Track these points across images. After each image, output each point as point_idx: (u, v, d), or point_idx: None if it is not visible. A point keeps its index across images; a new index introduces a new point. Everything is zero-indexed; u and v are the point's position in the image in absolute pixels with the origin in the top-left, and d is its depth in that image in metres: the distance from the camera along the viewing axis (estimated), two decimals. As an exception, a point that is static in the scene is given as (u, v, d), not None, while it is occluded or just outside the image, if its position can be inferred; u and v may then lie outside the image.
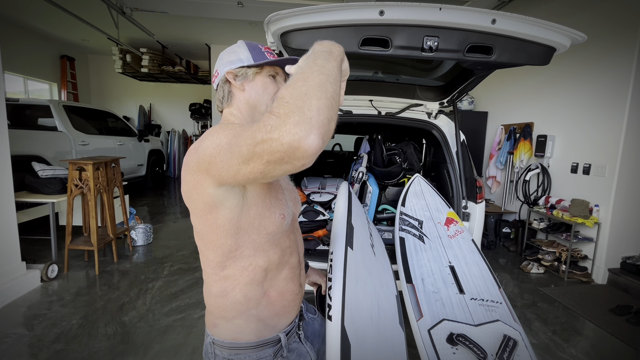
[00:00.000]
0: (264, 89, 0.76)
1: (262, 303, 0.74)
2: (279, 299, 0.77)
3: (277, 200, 0.73)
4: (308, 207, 2.21)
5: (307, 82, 0.46)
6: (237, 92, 0.77)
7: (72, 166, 2.75)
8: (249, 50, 0.77)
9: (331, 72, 0.49)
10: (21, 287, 2.50)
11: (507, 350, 1.08)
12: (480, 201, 2.05)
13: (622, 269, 3.06)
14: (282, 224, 0.73)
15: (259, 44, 0.80)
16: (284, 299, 0.77)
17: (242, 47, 0.78)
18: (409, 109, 2.26)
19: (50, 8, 4.04)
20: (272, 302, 0.76)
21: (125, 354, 1.89)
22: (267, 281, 0.74)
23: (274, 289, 0.76)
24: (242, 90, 0.76)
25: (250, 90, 0.76)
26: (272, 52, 0.80)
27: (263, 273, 0.73)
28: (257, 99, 0.76)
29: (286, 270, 0.78)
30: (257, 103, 0.76)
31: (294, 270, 0.80)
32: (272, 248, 0.73)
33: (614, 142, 2.98)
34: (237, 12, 4.31)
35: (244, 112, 0.77)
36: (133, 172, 5.72)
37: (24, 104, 4.21)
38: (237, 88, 0.76)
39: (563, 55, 1.70)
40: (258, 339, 0.74)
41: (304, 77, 0.47)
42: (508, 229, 4.05)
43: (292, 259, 0.80)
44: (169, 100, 8.28)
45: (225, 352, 0.74)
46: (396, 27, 1.17)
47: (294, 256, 0.80)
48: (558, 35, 1.20)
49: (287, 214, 0.74)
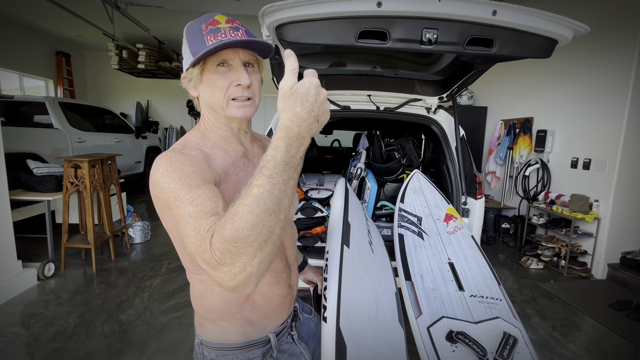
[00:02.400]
0: (210, 89, 0.65)
1: (246, 307, 0.71)
2: (264, 303, 0.73)
3: None
4: (306, 204, 2.19)
5: (255, 228, 0.44)
6: (195, 98, 0.70)
7: (68, 163, 2.72)
8: (188, 42, 0.64)
9: (290, 196, 0.49)
10: (17, 286, 2.48)
11: (507, 348, 1.06)
12: (479, 197, 2.03)
13: (621, 264, 3.06)
14: None
15: (202, 22, 0.64)
16: (270, 303, 0.74)
17: (184, 38, 0.66)
18: (408, 104, 2.23)
19: (45, 3, 3.98)
20: (257, 306, 0.72)
21: (122, 352, 1.87)
22: None
23: (257, 294, 0.72)
24: (197, 95, 0.68)
25: (202, 93, 0.67)
26: (216, 28, 0.62)
27: None
28: (211, 102, 0.66)
29: (269, 276, 0.73)
30: (213, 107, 0.67)
31: (279, 274, 0.75)
32: None
33: (614, 137, 2.96)
34: (233, 6, 4.25)
35: (209, 116, 0.70)
36: (131, 169, 5.68)
37: (18, 101, 4.16)
38: (193, 94, 0.69)
39: (563, 49, 1.67)
40: (245, 340, 0.72)
41: (256, 211, 0.45)
42: (507, 225, 4.05)
43: (275, 265, 0.75)
44: (166, 97, 8.21)
45: (212, 353, 0.72)
46: (394, 19, 1.14)
47: (277, 261, 0.75)
48: (560, 27, 1.17)
49: None
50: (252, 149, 0.76)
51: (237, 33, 0.63)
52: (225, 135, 0.71)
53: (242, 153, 0.72)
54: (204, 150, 0.66)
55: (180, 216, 0.52)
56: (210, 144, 0.68)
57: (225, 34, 0.62)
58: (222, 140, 0.70)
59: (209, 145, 0.68)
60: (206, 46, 0.60)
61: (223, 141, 0.70)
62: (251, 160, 0.74)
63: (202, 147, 0.67)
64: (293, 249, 0.84)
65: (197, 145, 0.66)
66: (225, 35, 0.62)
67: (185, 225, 0.51)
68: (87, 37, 6.64)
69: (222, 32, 0.62)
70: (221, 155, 0.67)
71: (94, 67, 7.88)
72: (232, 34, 0.62)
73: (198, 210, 0.51)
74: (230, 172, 0.66)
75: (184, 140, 0.68)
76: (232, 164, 0.68)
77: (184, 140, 0.68)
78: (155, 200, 0.59)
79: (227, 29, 0.62)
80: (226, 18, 0.64)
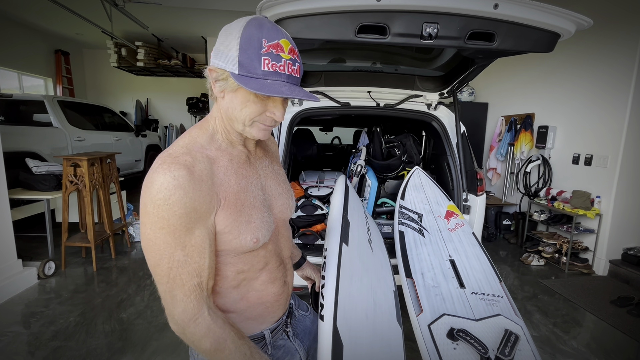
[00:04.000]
0: (242, 106, 0.62)
1: (241, 306, 0.71)
2: (258, 301, 0.73)
3: (249, 224, 0.66)
4: (306, 202, 2.18)
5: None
6: (217, 97, 0.66)
7: (67, 162, 2.71)
8: (240, 47, 0.57)
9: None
10: (18, 285, 2.48)
11: (509, 345, 1.06)
12: (480, 194, 2.01)
13: (623, 260, 3.05)
14: (255, 246, 0.67)
15: (265, 37, 0.57)
16: (264, 301, 0.74)
17: (237, 36, 0.58)
18: (408, 100, 2.21)
19: (43, 1, 3.95)
20: (251, 304, 0.72)
21: (123, 351, 1.87)
22: (241, 287, 0.70)
23: (252, 294, 0.72)
24: (222, 97, 0.64)
25: (229, 101, 0.63)
26: (277, 55, 0.58)
27: (234, 282, 0.69)
28: (233, 114, 0.64)
29: (264, 276, 0.73)
30: (233, 119, 0.64)
31: (274, 273, 0.75)
32: (242, 261, 0.68)
33: (616, 132, 2.94)
34: (233, 3, 4.22)
35: (223, 119, 0.67)
36: (131, 167, 5.67)
37: (17, 100, 4.15)
38: (216, 94, 0.65)
39: (565, 44, 1.65)
40: None
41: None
42: (508, 221, 4.03)
43: (271, 264, 0.74)
44: (166, 95, 8.19)
45: None
46: (394, 14, 1.12)
47: (272, 263, 0.74)
48: (563, 21, 1.15)
49: (262, 236, 0.68)
50: (254, 151, 0.77)
51: (294, 68, 0.61)
52: (232, 140, 0.70)
53: (245, 157, 0.72)
54: (209, 156, 0.64)
55: (166, 252, 0.57)
56: (216, 146, 0.67)
57: (284, 67, 0.58)
58: (229, 144, 0.70)
59: (215, 147, 0.67)
60: (260, 70, 0.57)
61: (229, 145, 0.70)
62: (253, 163, 0.74)
63: (208, 150, 0.65)
64: (288, 249, 0.83)
65: (202, 149, 0.65)
66: (284, 68, 0.58)
67: (170, 266, 0.57)
68: (86, 35, 6.61)
69: (282, 63, 0.58)
70: (225, 164, 0.66)
71: (93, 65, 7.86)
72: (290, 70, 0.60)
73: (187, 261, 0.58)
74: (232, 182, 0.66)
75: (189, 140, 0.65)
76: (234, 172, 0.67)
77: (189, 142, 0.65)
78: (144, 213, 0.57)
79: (287, 60, 0.59)
80: (290, 46, 0.60)
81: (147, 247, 0.58)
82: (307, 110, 2.16)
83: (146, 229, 0.57)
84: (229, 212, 0.63)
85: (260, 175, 0.75)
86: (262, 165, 0.77)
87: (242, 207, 0.66)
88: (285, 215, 0.80)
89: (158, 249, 0.57)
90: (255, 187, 0.71)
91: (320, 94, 2.15)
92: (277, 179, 0.80)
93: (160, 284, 0.58)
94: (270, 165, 0.80)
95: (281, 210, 0.78)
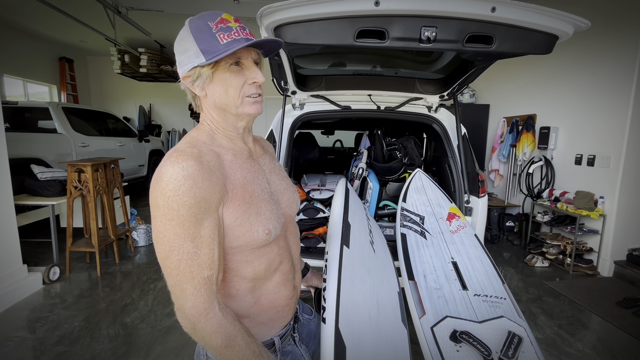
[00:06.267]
0: (224, 87, 0.64)
1: (254, 311, 0.71)
2: (271, 305, 0.73)
3: (259, 216, 0.66)
4: (308, 205, 2.19)
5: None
6: (201, 97, 0.67)
7: (71, 168, 2.74)
8: (195, 39, 0.61)
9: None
10: (23, 290, 2.50)
11: (512, 347, 1.05)
12: (482, 195, 2.01)
13: (628, 261, 3.02)
14: (268, 239, 0.68)
15: (209, 20, 0.62)
16: (276, 305, 0.74)
17: (188, 34, 0.62)
18: (409, 103, 2.22)
19: (47, 10, 4.01)
20: (264, 309, 0.72)
21: (127, 355, 1.88)
22: (256, 290, 0.70)
23: (265, 297, 0.72)
24: (204, 95, 0.66)
25: (212, 93, 0.65)
26: (227, 27, 0.62)
27: (250, 284, 0.69)
28: (222, 101, 0.65)
29: (277, 277, 0.73)
30: (225, 106, 0.66)
31: (286, 275, 0.75)
32: (258, 259, 0.69)
33: (619, 132, 2.93)
34: (233, 9, 4.26)
35: (216, 117, 0.69)
36: (134, 172, 5.71)
37: (23, 107, 4.20)
38: (198, 94, 0.66)
39: (565, 45, 1.66)
40: None
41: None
42: (512, 223, 4.02)
43: (284, 266, 0.75)
44: (168, 100, 8.26)
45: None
46: (392, 18, 1.13)
47: (285, 262, 0.75)
48: (561, 23, 1.16)
49: (274, 227, 0.68)
50: (254, 149, 0.78)
51: (246, 32, 0.64)
52: (231, 136, 0.71)
53: (247, 154, 0.73)
54: (215, 150, 0.66)
55: (175, 244, 0.57)
56: (217, 144, 0.68)
57: (237, 32, 0.62)
58: (229, 141, 0.71)
59: (217, 145, 0.68)
60: (222, 44, 0.60)
61: (230, 142, 0.71)
62: (256, 160, 0.75)
63: (211, 147, 0.66)
64: (297, 249, 0.84)
65: (206, 145, 0.66)
66: (237, 34, 0.62)
67: (180, 258, 0.57)
68: (90, 43, 6.70)
69: (234, 30, 0.62)
70: (230, 158, 0.68)
71: (97, 72, 7.95)
72: (243, 33, 0.63)
73: (197, 252, 0.58)
74: (238, 175, 0.67)
75: (191, 139, 0.67)
76: (239, 166, 0.68)
77: (192, 139, 0.66)
78: (154, 206, 0.58)
79: (237, 27, 0.63)
80: (233, 17, 0.64)
81: (157, 239, 0.58)
82: (308, 114, 2.18)
83: (157, 222, 0.58)
84: (238, 204, 0.64)
85: (264, 170, 0.76)
86: (264, 161, 0.78)
87: (251, 199, 0.66)
88: (291, 210, 0.81)
89: (168, 241, 0.57)
90: (262, 180, 0.72)
91: (322, 98, 2.17)
92: (280, 174, 0.81)
93: (169, 277, 0.58)
94: (271, 162, 0.81)
95: (288, 204, 0.79)
